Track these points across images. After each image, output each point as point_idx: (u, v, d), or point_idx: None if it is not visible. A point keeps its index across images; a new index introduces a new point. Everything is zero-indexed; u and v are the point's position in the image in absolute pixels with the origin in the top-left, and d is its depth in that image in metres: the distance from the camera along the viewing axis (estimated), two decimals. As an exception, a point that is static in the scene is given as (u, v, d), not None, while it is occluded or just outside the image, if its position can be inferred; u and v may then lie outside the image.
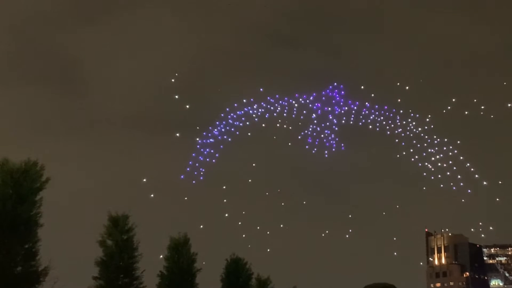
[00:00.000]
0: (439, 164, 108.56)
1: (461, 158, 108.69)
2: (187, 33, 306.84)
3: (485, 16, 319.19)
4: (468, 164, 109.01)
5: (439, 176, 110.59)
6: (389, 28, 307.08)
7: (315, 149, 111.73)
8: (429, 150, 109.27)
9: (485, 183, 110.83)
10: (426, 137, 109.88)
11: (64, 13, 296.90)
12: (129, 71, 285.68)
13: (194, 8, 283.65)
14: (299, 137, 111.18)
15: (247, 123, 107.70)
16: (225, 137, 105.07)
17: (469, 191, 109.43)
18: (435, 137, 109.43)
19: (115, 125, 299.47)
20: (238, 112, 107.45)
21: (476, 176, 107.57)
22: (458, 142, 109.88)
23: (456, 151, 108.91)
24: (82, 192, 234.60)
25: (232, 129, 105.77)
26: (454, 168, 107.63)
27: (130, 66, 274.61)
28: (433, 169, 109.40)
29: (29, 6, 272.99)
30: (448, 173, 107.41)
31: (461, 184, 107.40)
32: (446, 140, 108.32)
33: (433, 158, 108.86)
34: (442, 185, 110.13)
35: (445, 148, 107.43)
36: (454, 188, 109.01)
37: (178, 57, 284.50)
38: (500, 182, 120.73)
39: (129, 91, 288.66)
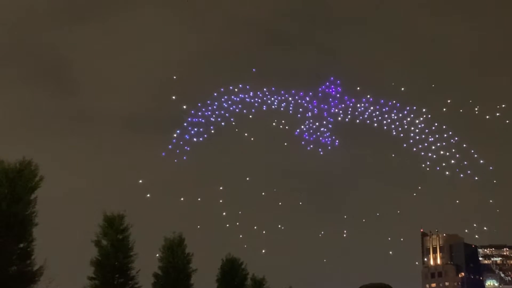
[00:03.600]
0: (442, 152, 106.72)
1: (464, 145, 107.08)
2: (183, 32, 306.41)
3: (485, 17, 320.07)
4: (472, 151, 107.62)
5: (443, 164, 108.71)
6: (388, 28, 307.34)
7: (311, 146, 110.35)
8: (430, 139, 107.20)
9: (491, 168, 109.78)
10: (423, 125, 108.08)
11: (56, 12, 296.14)
12: (123, 70, 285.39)
13: (189, 6, 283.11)
14: (296, 133, 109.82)
15: (244, 111, 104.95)
16: (219, 119, 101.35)
17: (476, 178, 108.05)
18: (435, 124, 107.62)
19: (108, 125, 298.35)
20: (233, 97, 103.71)
21: (481, 161, 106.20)
22: (456, 138, 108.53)
23: (457, 138, 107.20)
24: (77, 192, 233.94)
25: (227, 114, 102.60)
26: (457, 155, 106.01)
27: (124, 65, 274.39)
28: (435, 157, 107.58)
29: (20, 5, 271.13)
30: (453, 161, 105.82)
31: (468, 171, 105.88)
32: (444, 127, 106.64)
33: (433, 147, 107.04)
34: (447, 173, 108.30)
35: (445, 136, 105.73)
36: (461, 175, 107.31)
37: (173, 56, 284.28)
38: (494, 181, 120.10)
39: (124, 91, 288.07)
